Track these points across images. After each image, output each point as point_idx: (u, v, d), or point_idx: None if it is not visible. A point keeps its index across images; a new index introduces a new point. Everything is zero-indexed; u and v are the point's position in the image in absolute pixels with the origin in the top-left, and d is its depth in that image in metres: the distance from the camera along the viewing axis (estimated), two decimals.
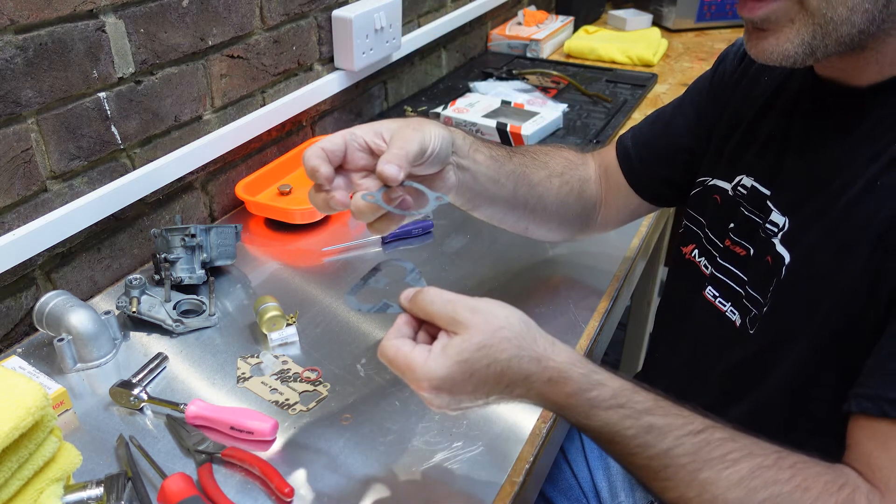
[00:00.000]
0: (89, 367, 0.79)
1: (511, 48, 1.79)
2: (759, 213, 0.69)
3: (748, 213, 0.71)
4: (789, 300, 0.63)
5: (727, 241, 0.73)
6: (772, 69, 0.72)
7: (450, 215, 1.09)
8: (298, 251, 1.02)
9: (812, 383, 0.62)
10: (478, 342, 0.53)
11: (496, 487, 0.65)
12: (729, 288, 0.73)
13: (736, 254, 0.72)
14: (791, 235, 0.64)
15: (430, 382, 0.53)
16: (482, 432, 0.70)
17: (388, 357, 0.55)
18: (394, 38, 1.32)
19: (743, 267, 0.71)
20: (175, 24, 0.93)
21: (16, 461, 0.53)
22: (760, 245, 0.68)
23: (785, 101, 0.70)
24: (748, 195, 0.71)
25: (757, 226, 0.69)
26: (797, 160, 0.67)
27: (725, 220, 0.74)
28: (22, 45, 0.76)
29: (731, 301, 0.72)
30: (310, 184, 0.64)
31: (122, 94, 0.88)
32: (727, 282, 0.73)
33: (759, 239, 0.69)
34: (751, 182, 0.71)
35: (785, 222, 0.65)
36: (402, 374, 0.55)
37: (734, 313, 0.71)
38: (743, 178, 0.73)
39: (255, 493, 0.65)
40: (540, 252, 1.00)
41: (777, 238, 0.65)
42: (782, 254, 0.64)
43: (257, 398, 0.75)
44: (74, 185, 0.86)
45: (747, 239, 0.71)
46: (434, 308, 0.56)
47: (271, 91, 1.13)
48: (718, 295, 0.74)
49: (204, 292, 0.91)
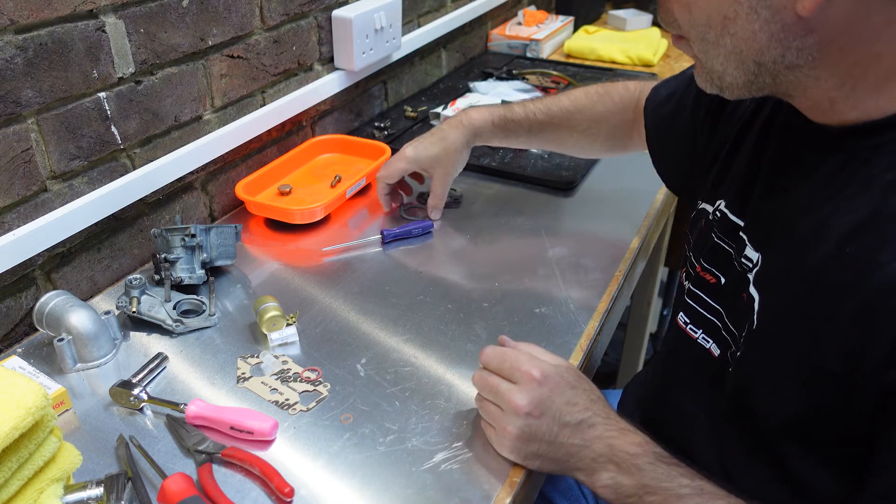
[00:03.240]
0: (89, 367, 0.79)
1: (511, 48, 1.79)
2: (731, 242, 0.67)
3: (718, 239, 0.69)
4: (761, 352, 0.61)
5: (698, 268, 0.72)
6: None
7: (450, 215, 1.09)
8: (298, 251, 1.02)
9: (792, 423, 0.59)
10: None
11: (496, 487, 0.65)
12: (699, 315, 0.71)
13: (706, 281, 0.70)
14: (761, 277, 0.62)
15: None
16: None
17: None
18: (394, 38, 1.32)
19: (714, 295, 0.69)
20: (175, 24, 0.93)
21: (16, 461, 0.53)
22: (735, 278, 0.66)
23: (760, 125, 0.68)
24: (720, 221, 0.70)
25: (728, 255, 0.67)
26: (765, 193, 0.64)
27: (702, 244, 0.73)
28: (22, 45, 0.76)
29: (701, 329, 0.71)
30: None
31: (122, 94, 0.88)
32: (697, 309, 0.72)
33: (733, 270, 0.66)
34: (724, 206, 0.70)
35: (758, 259, 0.63)
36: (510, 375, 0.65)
37: (707, 341, 0.70)
38: (721, 202, 0.71)
39: (255, 493, 0.65)
40: (540, 252, 1.00)
41: (752, 275, 0.63)
42: (754, 295, 0.62)
43: (257, 398, 0.75)
44: (74, 185, 0.86)
45: (717, 266, 0.69)
46: None
47: (271, 91, 1.13)
48: (689, 321, 0.73)
49: (204, 292, 0.91)
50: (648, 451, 0.60)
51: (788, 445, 0.59)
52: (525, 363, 0.65)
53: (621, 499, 0.60)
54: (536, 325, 0.85)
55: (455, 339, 0.83)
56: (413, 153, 1.02)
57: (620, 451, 0.61)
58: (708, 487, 0.58)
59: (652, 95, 0.93)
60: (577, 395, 0.64)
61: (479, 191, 1.16)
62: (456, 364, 0.80)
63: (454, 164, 1.03)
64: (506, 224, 1.08)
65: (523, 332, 0.84)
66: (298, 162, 1.19)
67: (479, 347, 0.81)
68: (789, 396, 0.58)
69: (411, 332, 0.85)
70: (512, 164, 1.22)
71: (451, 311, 0.88)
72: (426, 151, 1.02)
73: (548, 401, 0.63)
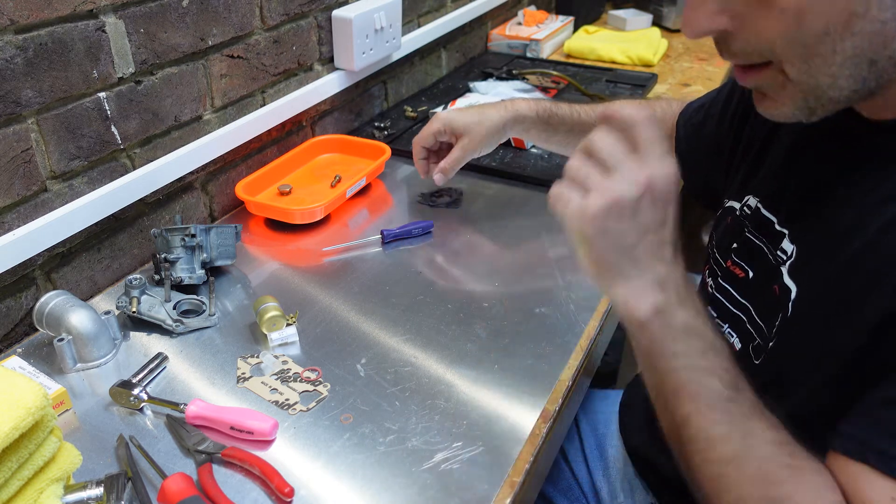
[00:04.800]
0: (89, 367, 0.79)
1: (511, 48, 1.79)
2: (764, 237, 0.68)
3: (750, 234, 0.69)
4: (796, 340, 0.61)
5: (728, 262, 0.72)
6: None
7: (450, 215, 1.09)
8: (298, 251, 1.02)
9: (818, 415, 0.59)
10: None
11: (496, 487, 0.65)
12: (726, 310, 0.71)
13: (735, 275, 0.71)
14: (798, 268, 0.62)
15: None
16: (482, 432, 0.70)
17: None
18: (394, 38, 1.32)
19: (742, 289, 0.70)
20: (175, 24, 0.93)
21: (16, 461, 0.53)
22: (766, 271, 0.66)
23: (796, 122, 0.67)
24: (752, 216, 0.70)
25: (759, 249, 0.68)
26: (802, 189, 0.64)
27: (730, 240, 0.73)
28: (22, 45, 0.76)
29: (727, 323, 0.71)
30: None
31: (122, 94, 0.88)
32: (725, 303, 0.72)
33: (764, 263, 0.67)
34: (755, 203, 0.70)
35: (793, 251, 0.63)
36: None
37: (732, 335, 0.70)
38: (749, 198, 0.71)
39: (255, 493, 0.65)
40: (540, 252, 1.00)
41: (785, 267, 0.63)
42: (789, 286, 0.62)
43: (257, 398, 0.75)
44: (74, 185, 0.86)
45: (747, 261, 0.69)
46: None
47: (271, 91, 1.13)
48: (716, 315, 0.73)
49: (204, 292, 0.91)
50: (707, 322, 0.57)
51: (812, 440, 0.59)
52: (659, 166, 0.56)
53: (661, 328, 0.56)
54: (536, 325, 0.85)
55: (455, 339, 0.83)
56: (447, 115, 1.00)
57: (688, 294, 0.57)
58: (745, 385, 0.56)
59: (684, 109, 0.95)
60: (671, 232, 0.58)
61: (479, 191, 1.16)
62: (456, 364, 0.80)
63: (484, 139, 1.00)
64: (506, 224, 1.08)
65: (523, 332, 0.84)
66: (298, 162, 1.19)
67: (479, 347, 0.81)
68: (820, 388, 0.58)
69: (411, 332, 0.85)
70: (512, 164, 1.21)
71: (451, 311, 0.88)
72: (462, 117, 1.00)
73: (667, 204, 0.56)
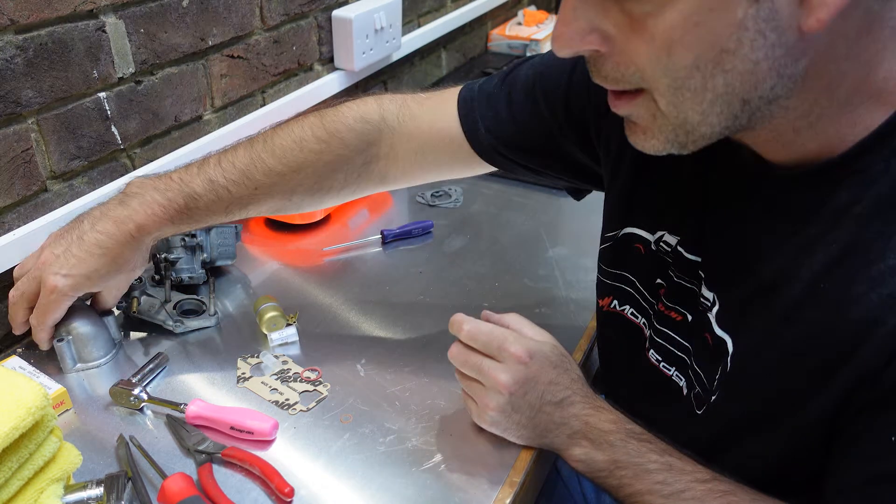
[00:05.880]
0: (89, 367, 0.79)
1: (511, 48, 1.79)
2: (695, 280, 0.63)
3: (678, 279, 0.66)
4: (740, 396, 0.58)
5: (660, 306, 0.68)
6: None
7: (450, 215, 1.09)
8: (298, 251, 1.02)
9: (764, 469, 0.58)
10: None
11: (496, 487, 0.65)
12: (670, 352, 0.68)
13: (672, 318, 0.67)
14: (727, 320, 0.59)
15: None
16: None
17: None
18: (394, 38, 1.32)
19: (682, 333, 0.66)
20: (175, 24, 0.93)
21: (16, 461, 0.53)
22: (698, 316, 0.63)
23: (700, 155, 0.56)
24: (675, 258, 0.65)
25: (691, 292, 0.64)
26: (718, 231, 0.61)
27: (653, 278, 0.69)
28: (22, 45, 0.76)
29: (675, 366, 0.68)
30: None
31: (122, 94, 0.88)
32: (667, 346, 0.68)
33: (695, 308, 0.64)
34: (675, 241, 0.65)
35: (714, 298, 0.60)
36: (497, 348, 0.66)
37: (680, 379, 0.67)
38: (665, 234, 0.67)
39: (255, 493, 0.65)
40: (540, 252, 1.00)
41: (712, 315, 0.60)
42: (724, 338, 0.59)
43: (257, 398, 0.75)
44: (74, 185, 0.86)
45: (681, 304, 0.66)
46: None
47: (271, 91, 1.13)
48: (661, 359, 0.69)
49: (204, 292, 0.91)
50: (621, 429, 0.62)
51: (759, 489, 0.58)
52: (512, 343, 0.65)
53: (594, 472, 0.63)
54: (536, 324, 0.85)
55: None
56: (72, 283, 0.73)
57: (595, 427, 0.63)
58: (676, 463, 0.59)
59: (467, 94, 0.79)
60: (560, 374, 0.66)
61: (479, 191, 1.16)
62: None
63: (130, 276, 0.79)
64: (506, 224, 1.08)
65: None
66: None
67: None
68: (768, 442, 0.56)
69: (411, 332, 0.85)
70: None
71: (451, 311, 0.87)
72: (87, 271, 0.73)
73: (532, 380, 0.64)
